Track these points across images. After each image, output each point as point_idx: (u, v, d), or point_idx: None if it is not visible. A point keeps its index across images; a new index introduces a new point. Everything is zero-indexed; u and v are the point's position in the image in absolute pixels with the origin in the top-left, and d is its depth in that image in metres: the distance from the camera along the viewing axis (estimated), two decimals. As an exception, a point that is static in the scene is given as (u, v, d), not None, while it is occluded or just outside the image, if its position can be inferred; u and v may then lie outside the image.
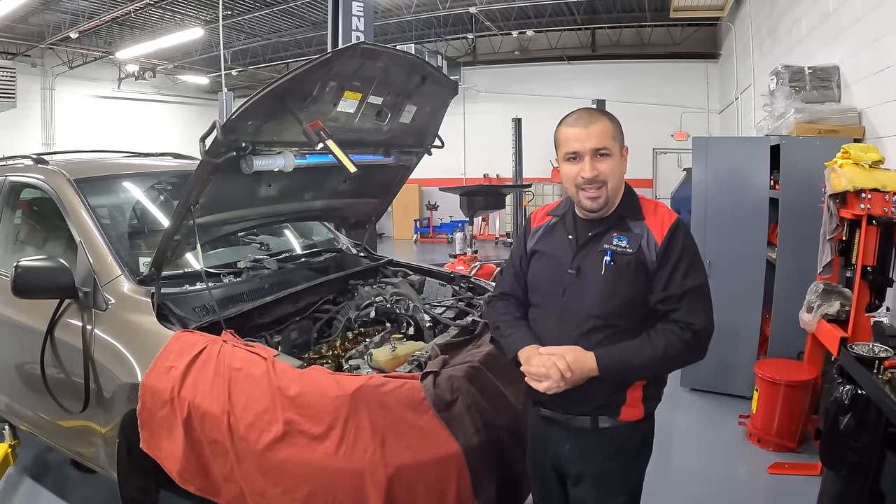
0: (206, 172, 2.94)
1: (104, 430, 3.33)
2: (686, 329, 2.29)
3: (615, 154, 2.38)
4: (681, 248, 2.36)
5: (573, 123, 2.39)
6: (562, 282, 2.44)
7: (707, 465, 5.11)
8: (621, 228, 2.42)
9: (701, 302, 2.35)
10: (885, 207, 4.18)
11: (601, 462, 2.45)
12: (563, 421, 2.48)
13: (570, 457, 2.50)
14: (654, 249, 2.36)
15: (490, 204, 10.96)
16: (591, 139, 2.34)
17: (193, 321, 3.21)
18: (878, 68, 5.38)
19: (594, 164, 2.34)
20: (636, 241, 2.38)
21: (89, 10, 15.09)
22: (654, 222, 2.41)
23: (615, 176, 2.38)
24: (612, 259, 2.38)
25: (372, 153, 3.83)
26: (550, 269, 2.51)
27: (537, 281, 2.56)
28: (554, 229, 2.59)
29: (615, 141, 2.38)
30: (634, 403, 2.44)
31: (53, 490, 4.47)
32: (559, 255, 2.50)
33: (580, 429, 2.45)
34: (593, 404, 2.40)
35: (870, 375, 3.11)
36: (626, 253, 2.37)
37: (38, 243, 4.50)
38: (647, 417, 2.52)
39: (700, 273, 2.38)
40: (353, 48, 2.98)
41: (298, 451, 2.53)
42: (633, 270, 2.36)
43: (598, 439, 2.44)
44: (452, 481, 2.57)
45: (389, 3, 15.73)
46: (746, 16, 11.79)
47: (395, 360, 3.11)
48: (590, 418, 2.43)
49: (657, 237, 2.37)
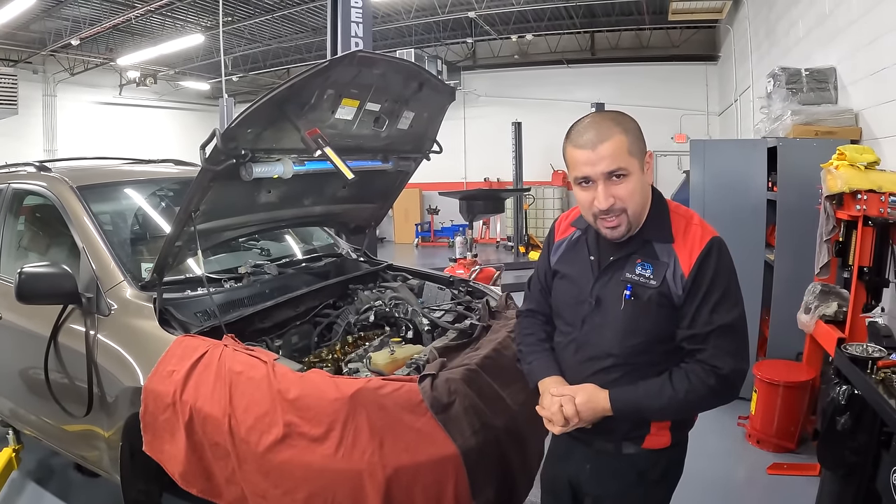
0: (207, 180, 2.98)
1: (107, 433, 3.36)
2: (711, 373, 2.05)
3: (634, 172, 2.07)
4: (710, 278, 2.08)
5: (581, 144, 2.08)
6: (581, 311, 2.25)
7: (706, 466, 5.03)
8: (646, 254, 2.17)
9: (731, 341, 2.08)
10: (881, 208, 4.18)
11: (623, 486, 2.31)
12: (585, 440, 2.33)
13: (590, 478, 2.37)
14: (681, 282, 2.09)
15: (489, 208, 10.97)
16: (601, 162, 2.04)
17: (195, 326, 3.24)
18: (875, 69, 5.40)
19: (609, 190, 2.06)
20: (661, 272, 2.12)
21: (90, 16, 15.12)
22: (684, 248, 2.13)
23: (635, 197, 2.10)
24: (632, 293, 2.13)
25: (370, 159, 3.86)
26: (570, 295, 2.32)
27: (559, 305, 2.39)
28: (576, 245, 2.36)
29: (632, 156, 2.07)
30: (660, 433, 2.26)
31: (57, 494, 4.49)
32: (579, 281, 2.29)
33: (603, 451, 2.31)
34: (616, 435, 2.26)
35: (863, 375, 3.10)
36: (650, 286, 2.12)
37: (40, 249, 4.53)
38: (676, 445, 2.32)
39: (733, 307, 2.09)
40: (349, 56, 3.01)
41: (298, 452, 2.56)
42: (657, 305, 2.12)
43: (621, 465, 2.29)
44: (450, 482, 2.59)
45: (389, 9, 15.75)
46: (744, 18, 11.81)
47: (394, 363, 3.14)
48: (613, 444, 2.29)
49: (684, 267, 2.10)
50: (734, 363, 2.07)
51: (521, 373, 3.15)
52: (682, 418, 2.29)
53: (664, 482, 2.37)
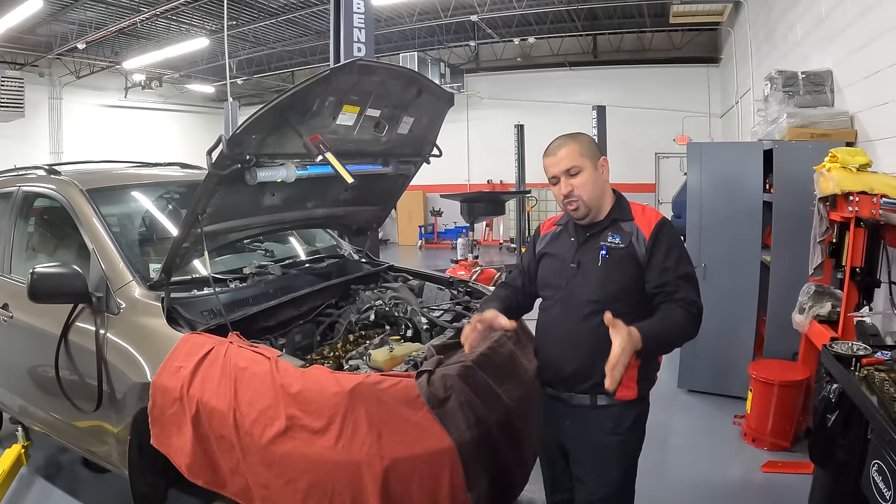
0: (213, 183, 3.08)
1: (116, 429, 3.46)
2: (692, 305, 2.61)
3: (586, 168, 2.78)
4: (668, 240, 2.72)
5: (548, 154, 2.84)
6: (566, 275, 2.82)
7: (702, 464, 5.16)
8: (614, 229, 2.80)
9: (694, 286, 2.69)
10: (873, 210, 4.20)
11: (599, 437, 2.74)
12: (565, 399, 2.81)
13: (571, 432, 2.81)
14: (644, 244, 2.71)
15: (490, 210, 11.04)
16: (560, 163, 2.78)
17: (201, 324, 3.33)
18: (869, 72, 5.40)
19: (567, 182, 2.77)
20: (627, 238, 2.75)
21: (96, 20, 15.20)
22: (643, 221, 2.78)
23: (588, 186, 2.77)
24: (607, 253, 2.75)
25: (371, 163, 3.94)
26: (556, 266, 2.89)
27: (545, 277, 2.95)
28: (559, 235, 2.99)
29: (584, 157, 2.78)
30: (629, 384, 2.68)
31: (65, 490, 4.58)
32: (563, 254, 2.89)
33: (580, 406, 2.77)
34: (592, 381, 2.62)
35: (847, 373, 3.14)
36: (619, 247, 2.74)
37: (50, 250, 4.62)
38: (642, 399, 2.82)
39: (689, 262, 2.76)
40: (350, 65, 3.12)
41: (300, 444, 2.66)
42: (626, 262, 2.72)
43: (596, 416, 2.74)
44: (446, 474, 2.69)
45: (392, 13, 15.81)
46: (745, 21, 11.80)
47: (393, 360, 3.22)
48: (589, 396, 2.73)
49: (645, 233, 2.73)
50: (700, 301, 2.66)
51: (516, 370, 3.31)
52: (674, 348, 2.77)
53: (634, 434, 2.80)
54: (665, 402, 6.35)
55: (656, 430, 2.76)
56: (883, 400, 2.75)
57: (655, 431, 2.75)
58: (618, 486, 2.75)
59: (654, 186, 18.56)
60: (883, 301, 4.55)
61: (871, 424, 2.76)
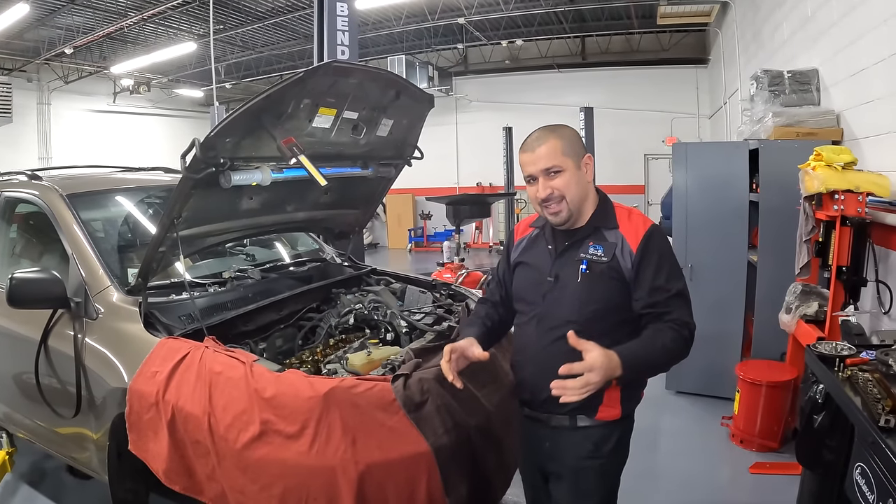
0: (188, 187, 3.07)
1: (96, 435, 3.44)
2: (684, 327, 2.40)
3: (569, 168, 2.48)
4: (659, 254, 2.46)
5: (525, 149, 2.55)
6: (541, 289, 2.56)
7: (690, 466, 5.16)
8: (596, 238, 2.53)
9: (686, 304, 2.46)
10: (859, 208, 4.23)
11: (579, 460, 2.54)
12: (544, 419, 2.60)
13: (550, 454, 2.62)
14: (630, 257, 2.45)
15: (476, 212, 11.08)
16: (539, 161, 2.48)
17: (178, 328, 3.32)
18: (854, 70, 5.41)
19: (547, 182, 2.48)
20: (610, 250, 2.48)
21: (84, 25, 15.17)
22: (629, 229, 2.51)
23: (572, 188, 2.49)
24: (587, 267, 2.49)
25: (350, 166, 3.92)
26: (532, 278, 2.64)
27: (520, 289, 2.70)
28: (535, 241, 2.72)
29: (566, 156, 2.48)
30: (612, 403, 2.51)
31: (50, 496, 4.56)
32: (539, 265, 2.63)
33: (559, 427, 2.56)
34: (571, 405, 2.37)
35: (830, 373, 3.10)
36: (601, 261, 2.48)
37: (32, 256, 4.58)
38: (625, 418, 2.59)
39: (681, 277, 2.50)
40: (325, 67, 3.11)
41: (274, 449, 2.64)
42: (608, 277, 2.47)
43: (576, 438, 2.54)
44: (423, 479, 2.67)
45: (380, 16, 15.82)
46: (732, 21, 11.83)
47: (370, 363, 3.21)
48: (568, 417, 2.53)
49: (632, 244, 2.46)
50: (692, 321, 2.45)
51: (496, 374, 3.24)
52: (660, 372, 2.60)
53: (616, 456, 2.61)
54: (653, 404, 6.21)
55: (644, 432, 2.65)
56: (866, 401, 2.68)
57: (643, 434, 2.65)
58: None
59: (644, 188, 18.60)
60: (871, 300, 4.57)
61: (855, 426, 2.71)
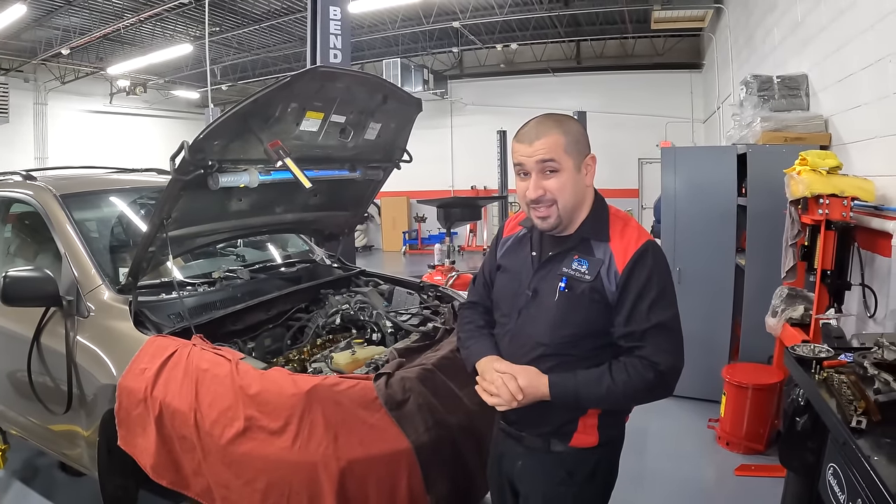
0: (177, 189, 3.13)
1: (87, 432, 3.50)
2: (650, 368, 2.12)
3: (567, 169, 2.18)
4: (646, 277, 2.15)
5: (520, 139, 2.22)
6: (518, 303, 2.33)
7: (676, 468, 5.17)
8: (583, 251, 2.25)
9: (668, 339, 2.16)
10: (843, 212, 4.25)
11: (550, 485, 2.34)
12: (516, 437, 2.41)
13: (522, 474, 2.42)
14: (614, 278, 2.17)
15: (466, 215, 11.12)
16: (536, 153, 2.16)
17: (167, 327, 3.38)
18: (843, 75, 5.41)
19: (540, 181, 2.18)
20: (595, 268, 2.20)
21: (80, 26, 15.22)
22: (619, 246, 2.21)
23: (566, 193, 2.19)
24: (567, 286, 2.21)
25: (338, 168, 3.97)
26: (510, 287, 2.40)
27: (499, 298, 2.47)
28: (521, 243, 2.46)
29: (568, 154, 2.18)
30: (588, 431, 2.30)
31: (42, 493, 4.58)
32: (519, 274, 2.38)
33: (532, 448, 2.37)
34: (544, 430, 2.31)
35: (806, 375, 3.07)
36: (583, 280, 2.19)
37: (27, 255, 4.63)
38: (603, 445, 2.34)
39: (669, 307, 2.18)
40: (311, 72, 3.17)
41: (258, 445, 2.70)
42: (589, 299, 2.19)
43: (549, 461, 2.34)
44: (403, 475, 2.72)
45: (375, 19, 15.89)
46: (726, 26, 11.86)
47: (354, 362, 3.28)
48: (541, 440, 2.34)
49: (619, 264, 2.17)
50: (672, 360, 2.14)
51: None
52: (616, 410, 2.34)
53: (594, 483, 2.37)
54: (641, 407, 6.24)
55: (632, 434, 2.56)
56: (840, 402, 2.65)
57: (631, 436, 2.57)
58: None
59: (638, 192, 18.66)
60: (857, 303, 4.59)
61: (828, 427, 2.69)
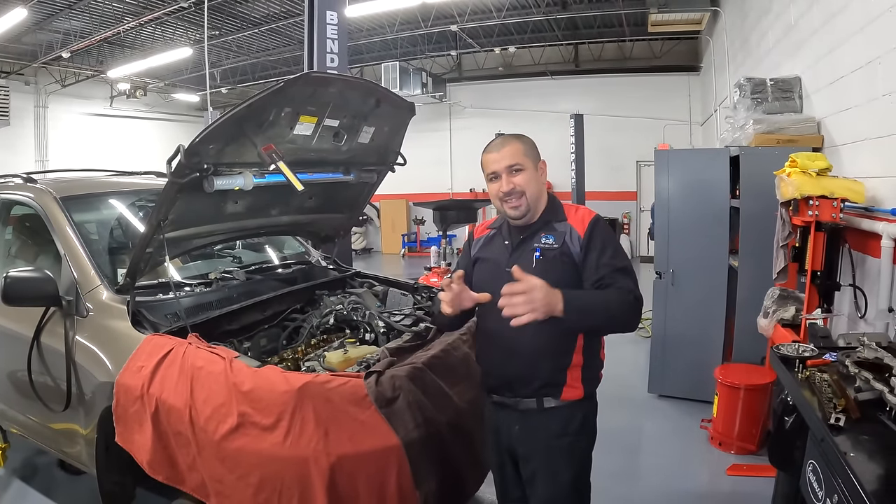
0: (173, 192, 3.21)
1: (85, 431, 3.58)
2: (628, 293, 2.59)
3: (529, 168, 2.78)
4: (603, 237, 2.74)
5: (490, 150, 2.85)
6: (501, 279, 2.56)
7: (668, 468, 5.22)
8: (548, 229, 2.81)
9: (632, 279, 2.67)
10: (833, 214, 4.29)
11: (548, 439, 2.75)
12: (512, 404, 2.81)
13: (520, 436, 2.81)
14: (578, 241, 2.72)
15: (462, 218, 11.17)
16: (504, 159, 2.77)
17: (164, 326, 3.44)
18: (834, 78, 5.45)
19: (510, 178, 2.76)
20: (561, 238, 2.75)
21: (81, 29, 15.27)
22: (576, 220, 2.79)
23: (531, 185, 2.78)
24: (541, 254, 2.74)
25: (332, 172, 4.04)
26: (491, 271, 2.86)
27: (480, 282, 2.84)
28: (493, 239, 2.99)
29: (527, 157, 2.79)
30: (574, 384, 2.75)
31: (42, 491, 4.66)
32: (498, 258, 2.87)
33: (527, 410, 2.78)
34: (538, 384, 2.73)
35: (790, 374, 3.12)
36: (553, 248, 2.74)
37: (27, 256, 4.70)
38: (588, 398, 2.82)
39: (624, 258, 2.75)
40: (303, 77, 3.24)
41: (251, 440, 2.77)
42: (560, 262, 2.72)
43: (544, 419, 2.75)
44: (393, 471, 2.78)
45: (373, 23, 15.95)
46: (722, 29, 11.91)
47: (346, 361, 3.34)
48: (535, 400, 2.75)
49: (579, 231, 2.74)
50: (638, 293, 2.64)
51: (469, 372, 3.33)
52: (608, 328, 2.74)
53: (583, 434, 2.83)
54: (635, 408, 6.45)
55: (625, 434, 2.75)
56: (821, 400, 2.70)
57: (624, 436, 2.75)
58: (569, 487, 2.77)
59: (636, 194, 18.66)
60: (848, 304, 4.63)
61: (808, 424, 2.75)
